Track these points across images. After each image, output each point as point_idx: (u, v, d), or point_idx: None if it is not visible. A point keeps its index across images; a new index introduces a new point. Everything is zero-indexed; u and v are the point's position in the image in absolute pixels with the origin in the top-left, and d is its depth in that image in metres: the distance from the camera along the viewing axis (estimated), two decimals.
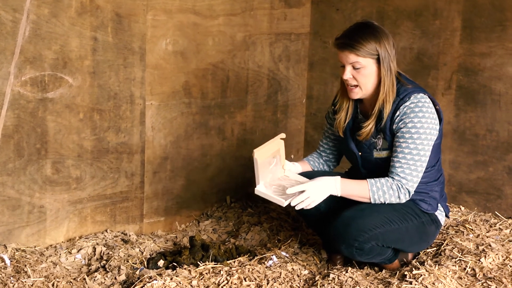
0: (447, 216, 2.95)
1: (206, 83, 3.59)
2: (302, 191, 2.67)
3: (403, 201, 2.73)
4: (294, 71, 4.05)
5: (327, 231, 2.76)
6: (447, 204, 2.97)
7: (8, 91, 2.87)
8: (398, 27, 3.70)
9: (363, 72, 2.70)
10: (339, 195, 2.72)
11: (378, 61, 2.70)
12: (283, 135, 2.83)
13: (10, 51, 2.85)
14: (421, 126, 2.66)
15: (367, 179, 2.72)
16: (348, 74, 2.72)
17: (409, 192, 2.71)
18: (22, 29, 2.87)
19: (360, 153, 2.86)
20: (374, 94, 2.77)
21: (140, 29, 3.24)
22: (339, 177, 2.73)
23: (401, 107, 2.69)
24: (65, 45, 3.01)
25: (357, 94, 2.77)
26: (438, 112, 2.75)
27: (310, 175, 2.88)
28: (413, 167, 2.68)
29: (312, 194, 2.67)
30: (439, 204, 2.87)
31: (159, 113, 3.41)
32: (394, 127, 2.72)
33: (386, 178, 2.72)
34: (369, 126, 2.77)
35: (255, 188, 2.68)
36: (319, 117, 4.11)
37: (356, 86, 2.74)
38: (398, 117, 2.69)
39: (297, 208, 2.68)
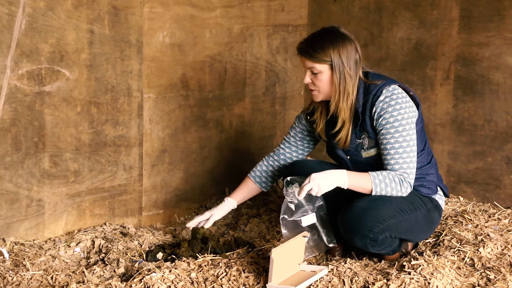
0: (446, 195, 2.98)
1: (204, 75, 3.58)
2: (308, 181, 2.68)
3: (404, 194, 2.74)
4: (292, 63, 4.04)
5: (339, 222, 2.76)
6: (444, 184, 3.01)
7: (4, 85, 2.87)
8: (396, 18, 3.69)
9: (320, 77, 2.78)
10: (346, 188, 2.73)
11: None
12: (306, 233, 2.77)
13: (6, 44, 2.84)
14: (402, 117, 2.70)
15: (369, 172, 2.73)
16: (307, 79, 2.82)
17: (410, 185, 2.75)
18: (18, 23, 2.86)
19: (348, 157, 2.88)
20: None
21: (137, 22, 3.23)
22: (345, 170, 2.74)
23: (376, 103, 2.73)
24: (62, 38, 3.00)
25: (317, 97, 2.85)
26: (413, 98, 2.80)
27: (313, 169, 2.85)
28: (408, 159, 2.71)
29: (319, 183, 2.68)
30: (438, 187, 2.90)
31: (157, 105, 3.40)
32: (375, 124, 2.75)
33: (388, 171, 2.73)
34: (343, 133, 2.82)
35: (267, 284, 2.62)
36: None
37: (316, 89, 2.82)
38: (377, 114, 2.73)
39: (302, 196, 2.71)
